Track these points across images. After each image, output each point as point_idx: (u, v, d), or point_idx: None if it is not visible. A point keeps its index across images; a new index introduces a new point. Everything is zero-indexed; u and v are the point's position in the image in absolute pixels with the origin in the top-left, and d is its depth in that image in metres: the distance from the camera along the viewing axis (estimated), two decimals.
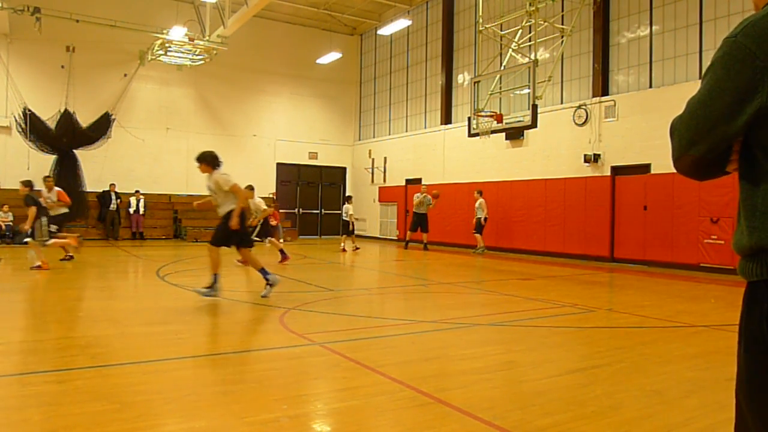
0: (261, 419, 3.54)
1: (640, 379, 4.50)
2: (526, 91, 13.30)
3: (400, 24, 20.18)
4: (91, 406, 3.69)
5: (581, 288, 10.24)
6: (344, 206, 18.21)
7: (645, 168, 13.94)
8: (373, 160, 24.08)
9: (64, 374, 4.42)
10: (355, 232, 18.02)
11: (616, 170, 14.59)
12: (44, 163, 18.61)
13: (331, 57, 22.86)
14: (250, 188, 12.44)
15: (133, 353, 5.14)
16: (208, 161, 7.92)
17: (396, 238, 22.01)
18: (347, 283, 11.49)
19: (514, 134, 16.64)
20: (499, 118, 14.12)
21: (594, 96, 15.19)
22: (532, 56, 13.23)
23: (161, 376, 4.46)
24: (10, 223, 17.36)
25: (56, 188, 12.25)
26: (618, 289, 10.68)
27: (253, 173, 23.17)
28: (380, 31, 21.78)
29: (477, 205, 16.78)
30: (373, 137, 24.59)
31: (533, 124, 13.20)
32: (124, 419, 3.47)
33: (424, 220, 17.87)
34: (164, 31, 18.80)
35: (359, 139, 25.55)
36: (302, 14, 22.81)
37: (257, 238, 12.71)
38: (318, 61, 23.30)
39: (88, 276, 11.44)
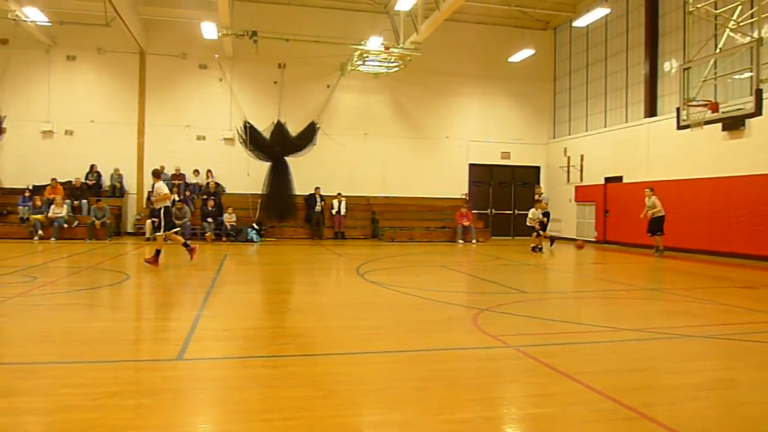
0: (455, 418, 3.57)
1: None
2: (748, 74, 11.79)
3: (598, 13, 19.03)
4: (300, 391, 4.02)
5: None
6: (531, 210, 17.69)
7: None
8: (568, 158, 23.09)
9: (278, 360, 4.89)
10: (541, 233, 17.22)
11: None
12: (261, 169, 20.78)
13: (523, 54, 22.37)
14: (157, 173, 11.92)
15: (337, 345, 5.51)
16: None
17: (594, 239, 20.87)
18: (541, 285, 11.15)
19: (733, 124, 14.82)
20: (713, 107, 12.70)
21: None
22: (755, 35, 11.68)
23: (361, 368, 4.72)
24: (234, 223, 19.63)
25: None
26: None
27: (446, 174, 23.63)
28: (575, 23, 20.77)
29: (650, 203, 15.44)
30: (569, 134, 23.57)
31: (757, 112, 11.65)
32: (329, 406, 3.74)
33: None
34: (362, 42, 19.92)
35: (554, 137, 24.67)
36: (493, 13, 22.64)
37: (159, 232, 11.59)
38: (510, 59, 22.93)
39: (297, 272, 12.53)
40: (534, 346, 5.35)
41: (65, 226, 18.20)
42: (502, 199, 24.56)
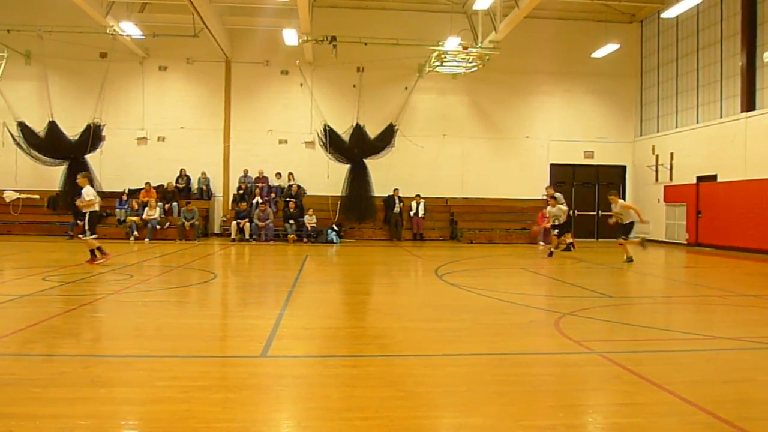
0: (536, 425, 3.49)
1: None
2: None
3: (689, 3, 18.07)
4: (379, 391, 4.05)
5: None
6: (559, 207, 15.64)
7: None
8: (657, 156, 22.06)
9: (358, 360, 4.94)
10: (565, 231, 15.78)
11: None
12: (340, 172, 21.12)
13: (607, 49, 21.53)
14: (86, 176, 11.73)
15: (416, 346, 5.51)
16: None
17: (685, 242, 19.83)
18: (628, 289, 10.70)
19: None
20: None
21: None
22: None
23: (440, 370, 4.70)
24: (314, 225, 20.05)
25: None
26: None
27: (526, 175, 23.16)
28: (664, 15, 19.80)
29: (618, 208, 13.83)
30: (657, 132, 22.51)
31: None
32: (408, 407, 3.74)
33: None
34: (440, 43, 19.85)
35: (640, 135, 23.64)
36: (574, 8, 21.98)
37: (82, 235, 11.49)
38: (593, 55, 22.14)
39: (376, 273, 12.65)
40: (620, 353, 5.14)
41: (158, 227, 19.22)
42: (586, 200, 23.77)
